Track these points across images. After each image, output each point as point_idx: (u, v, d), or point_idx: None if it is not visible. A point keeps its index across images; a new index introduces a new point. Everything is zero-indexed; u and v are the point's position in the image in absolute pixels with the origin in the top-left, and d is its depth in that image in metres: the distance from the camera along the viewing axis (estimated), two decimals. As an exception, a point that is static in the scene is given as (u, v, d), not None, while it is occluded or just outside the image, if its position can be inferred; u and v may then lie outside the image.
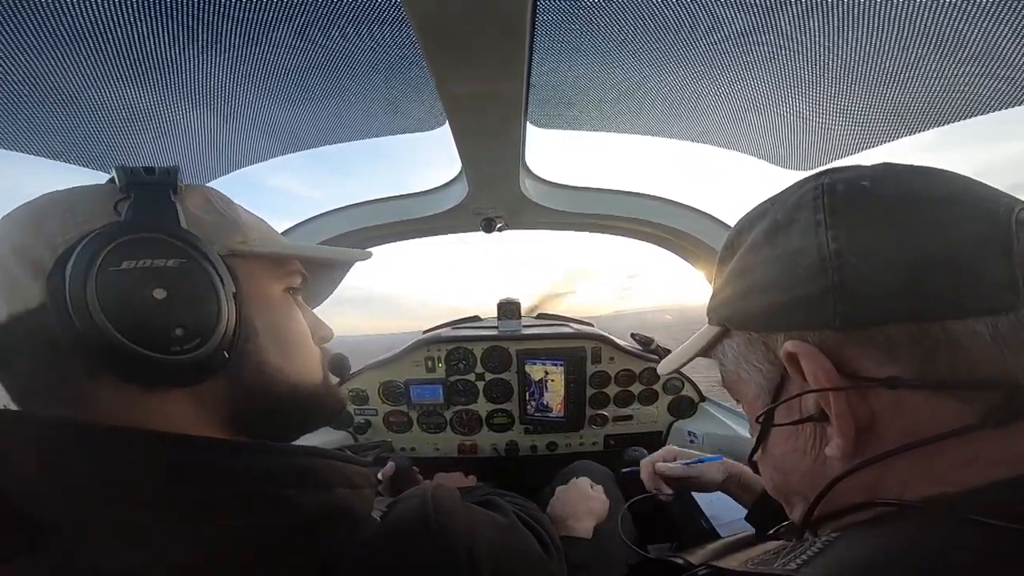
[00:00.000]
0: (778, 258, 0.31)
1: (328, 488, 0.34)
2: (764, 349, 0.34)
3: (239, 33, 0.56)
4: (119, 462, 0.28)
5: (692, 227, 1.24)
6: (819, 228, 0.29)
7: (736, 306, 0.35)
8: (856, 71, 0.65)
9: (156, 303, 0.32)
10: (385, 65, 0.67)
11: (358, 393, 1.54)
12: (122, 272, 0.31)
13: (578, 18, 0.58)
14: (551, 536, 0.53)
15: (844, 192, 0.29)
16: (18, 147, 0.72)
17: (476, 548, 0.36)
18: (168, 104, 0.71)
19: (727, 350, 0.38)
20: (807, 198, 0.31)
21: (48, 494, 0.26)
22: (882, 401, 0.28)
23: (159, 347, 0.31)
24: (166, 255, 0.33)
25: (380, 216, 1.25)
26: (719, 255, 0.40)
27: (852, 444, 0.29)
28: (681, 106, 0.82)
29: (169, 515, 0.28)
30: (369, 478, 0.39)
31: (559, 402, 1.49)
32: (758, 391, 0.36)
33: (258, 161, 0.96)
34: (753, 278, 0.33)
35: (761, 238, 0.33)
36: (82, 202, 0.34)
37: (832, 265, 0.28)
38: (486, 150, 0.88)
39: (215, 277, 0.34)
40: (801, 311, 0.30)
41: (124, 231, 0.32)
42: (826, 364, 0.28)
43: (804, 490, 0.35)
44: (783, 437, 0.35)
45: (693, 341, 0.44)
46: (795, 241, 0.30)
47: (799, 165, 0.97)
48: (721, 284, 0.38)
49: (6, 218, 0.33)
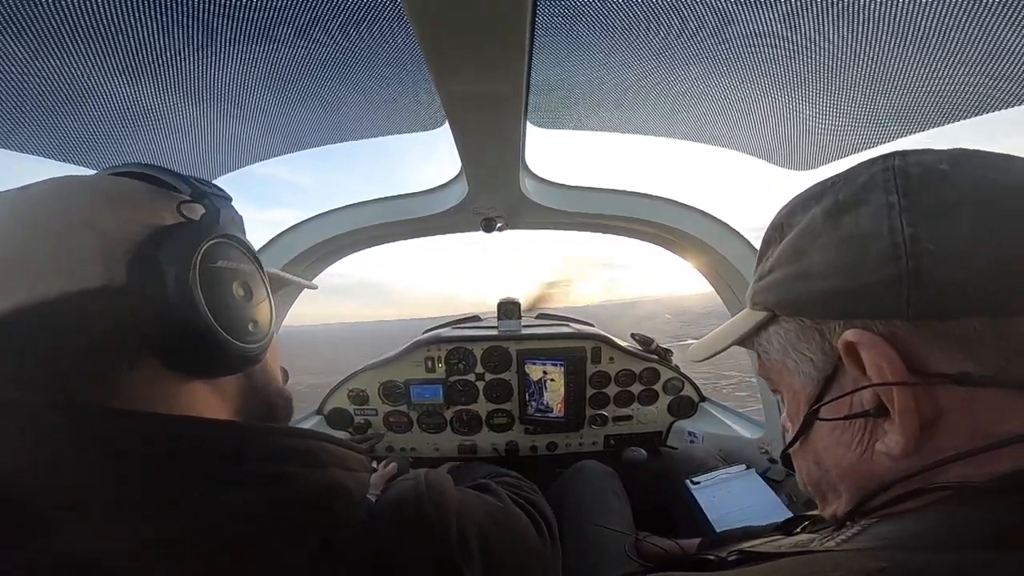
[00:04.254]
0: (843, 241, 0.29)
1: (324, 467, 0.35)
2: (818, 338, 0.32)
3: (239, 32, 0.56)
4: (120, 443, 0.28)
5: (692, 227, 1.24)
6: (891, 211, 0.27)
7: (788, 290, 0.33)
8: (856, 71, 0.65)
9: (239, 300, 0.37)
10: (385, 65, 0.67)
11: (358, 393, 1.54)
12: (218, 269, 0.35)
13: (578, 18, 0.58)
14: (546, 518, 0.53)
15: (920, 175, 0.27)
16: (17, 147, 0.72)
17: (465, 527, 0.38)
18: (167, 103, 0.71)
19: (772, 337, 0.36)
20: (877, 179, 0.29)
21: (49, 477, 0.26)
22: (950, 398, 0.26)
23: (238, 338, 0.36)
24: (243, 260, 0.39)
25: (380, 216, 1.25)
26: (765, 236, 0.38)
27: (914, 443, 0.27)
28: (681, 106, 0.82)
29: (170, 492, 0.28)
30: (364, 463, 0.41)
31: (559, 402, 1.49)
32: (805, 382, 0.34)
33: (258, 161, 0.96)
34: (811, 261, 0.31)
35: (821, 219, 0.31)
36: (138, 195, 0.35)
37: (907, 252, 0.26)
38: (486, 150, 0.88)
39: (267, 283, 0.42)
40: (867, 299, 0.28)
41: (215, 234, 0.36)
42: (892, 356, 0.26)
43: (844, 485, 0.33)
44: (828, 430, 0.33)
45: (731, 326, 0.42)
46: (863, 224, 0.28)
47: (799, 165, 0.97)
48: (768, 267, 0.36)
49: (62, 187, 0.32)
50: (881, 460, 0.29)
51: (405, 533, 0.36)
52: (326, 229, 1.26)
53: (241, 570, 0.29)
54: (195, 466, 0.29)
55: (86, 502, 0.26)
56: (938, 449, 0.27)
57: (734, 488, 1.01)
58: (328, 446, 0.37)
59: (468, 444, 1.57)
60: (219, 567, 0.28)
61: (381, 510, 0.38)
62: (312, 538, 0.32)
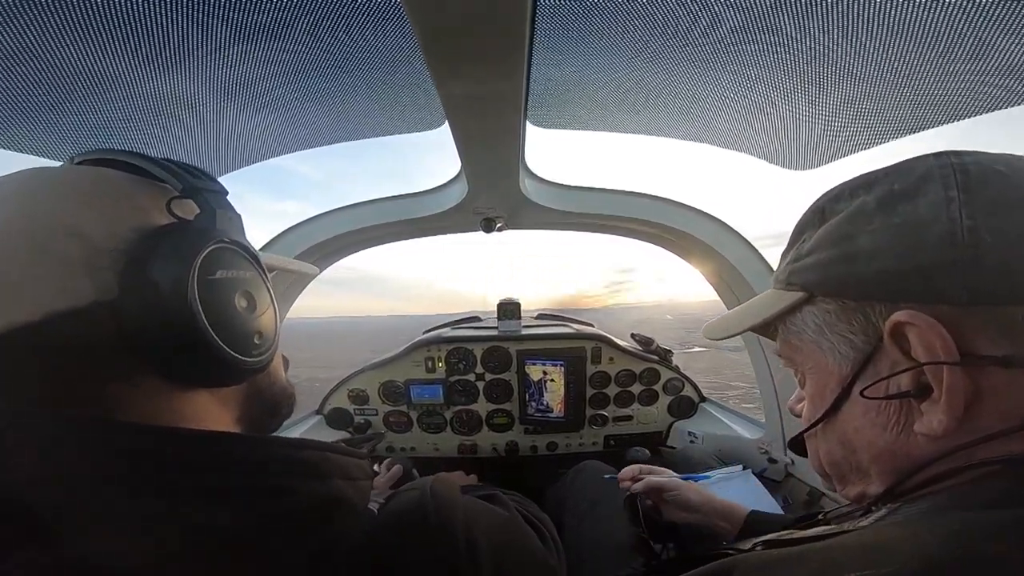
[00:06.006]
0: (898, 227, 0.30)
1: (325, 479, 0.34)
2: (861, 319, 0.32)
3: (241, 31, 0.56)
4: (120, 454, 0.27)
5: (692, 227, 1.25)
6: (951, 204, 0.28)
7: (832, 271, 0.33)
8: (856, 71, 0.65)
9: (242, 312, 0.34)
10: (385, 65, 0.67)
11: (358, 393, 1.55)
12: (218, 281, 0.32)
13: (578, 18, 0.58)
14: (551, 533, 0.53)
15: (978, 174, 0.29)
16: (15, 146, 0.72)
17: (475, 539, 0.36)
18: (165, 99, 0.71)
19: (807, 317, 0.36)
20: (934, 173, 0.30)
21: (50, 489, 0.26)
22: (993, 380, 0.28)
23: (243, 353, 0.33)
24: (245, 267, 0.36)
25: (380, 216, 1.25)
26: (801, 220, 0.39)
27: (956, 422, 0.28)
28: (681, 106, 0.82)
29: (163, 504, 0.27)
30: (365, 470, 0.39)
31: (559, 402, 1.49)
32: (842, 363, 0.34)
33: (258, 160, 0.97)
34: (860, 243, 0.32)
35: (873, 205, 0.32)
36: (120, 190, 0.32)
37: (966, 241, 0.27)
38: (486, 150, 0.88)
39: (270, 288, 0.38)
40: (921, 281, 0.29)
41: (213, 239, 0.33)
42: (946, 336, 0.28)
43: (876, 467, 0.34)
44: (862, 411, 0.34)
45: (755, 307, 0.42)
46: (922, 212, 0.29)
47: (798, 165, 0.97)
48: (808, 248, 0.36)
49: (31, 186, 0.29)
50: (918, 441, 0.30)
51: (410, 544, 0.35)
52: (326, 229, 1.26)
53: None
54: (190, 478, 0.28)
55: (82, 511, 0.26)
56: (976, 429, 0.28)
57: (731, 488, 1.01)
58: (331, 456, 0.35)
59: (468, 444, 1.57)
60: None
61: (385, 521, 0.36)
62: (312, 550, 0.31)
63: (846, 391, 0.34)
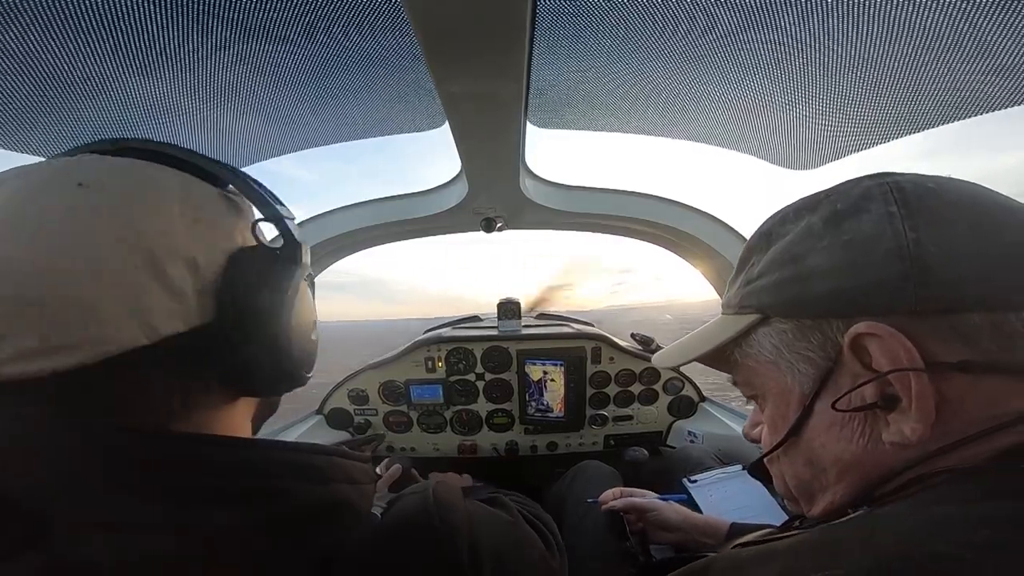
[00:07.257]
0: (847, 243, 0.31)
1: (328, 483, 0.34)
2: (819, 336, 0.32)
3: (238, 32, 0.56)
4: (121, 457, 0.27)
5: (692, 227, 1.25)
6: (894, 219, 0.30)
7: (785, 291, 0.34)
8: (856, 71, 0.66)
9: (314, 339, 0.38)
10: (385, 65, 0.67)
11: (358, 393, 1.54)
12: (305, 311, 0.36)
13: (578, 18, 0.58)
14: (554, 534, 0.53)
15: (913, 190, 0.31)
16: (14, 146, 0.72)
17: (478, 543, 0.36)
18: (163, 101, 0.71)
19: (763, 340, 0.36)
20: (873, 192, 0.32)
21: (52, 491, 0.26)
22: (952, 387, 0.28)
23: (309, 371, 0.38)
24: (311, 297, 0.39)
25: (380, 216, 1.25)
26: (749, 244, 0.39)
27: (929, 428, 0.28)
28: (680, 106, 0.82)
29: (174, 507, 0.27)
30: (369, 473, 0.39)
31: (559, 402, 1.49)
32: (802, 381, 0.34)
33: (257, 160, 0.97)
34: (812, 263, 0.32)
35: (820, 225, 0.33)
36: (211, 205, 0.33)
37: (912, 253, 0.28)
38: (486, 150, 0.88)
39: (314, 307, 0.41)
40: (876, 295, 0.30)
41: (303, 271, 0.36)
42: (908, 344, 0.28)
43: (843, 482, 0.34)
44: (825, 427, 0.34)
45: (708, 332, 0.42)
46: (866, 228, 0.31)
47: (798, 165, 0.97)
48: (757, 272, 0.37)
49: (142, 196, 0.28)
50: (887, 450, 0.31)
51: (414, 549, 0.34)
52: (325, 229, 1.26)
53: None
54: (191, 481, 0.28)
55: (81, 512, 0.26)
56: (943, 436, 0.28)
57: (731, 488, 1.01)
58: (335, 459, 0.35)
59: (468, 444, 1.57)
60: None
61: (389, 525, 0.36)
62: (313, 555, 0.31)
63: (808, 408, 0.34)
